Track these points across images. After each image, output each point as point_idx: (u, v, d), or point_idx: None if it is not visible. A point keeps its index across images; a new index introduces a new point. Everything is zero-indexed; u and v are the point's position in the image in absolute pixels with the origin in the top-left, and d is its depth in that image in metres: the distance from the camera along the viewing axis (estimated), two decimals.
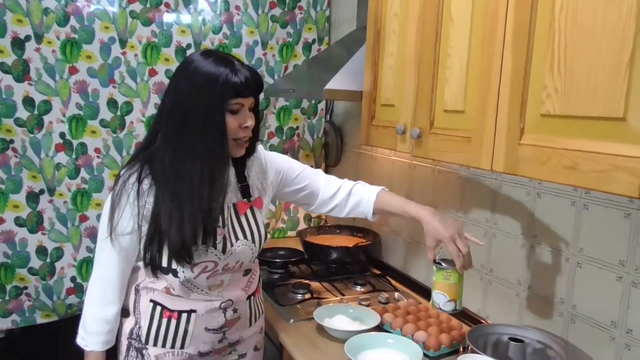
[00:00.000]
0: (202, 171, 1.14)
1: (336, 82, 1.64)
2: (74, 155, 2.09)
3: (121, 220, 1.20)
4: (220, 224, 1.24)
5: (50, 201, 2.08)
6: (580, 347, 1.30)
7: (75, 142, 2.08)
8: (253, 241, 1.31)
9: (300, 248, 2.19)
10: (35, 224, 2.06)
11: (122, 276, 1.27)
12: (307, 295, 1.82)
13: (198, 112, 1.13)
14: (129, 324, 1.31)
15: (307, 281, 1.94)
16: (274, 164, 1.43)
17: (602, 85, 0.83)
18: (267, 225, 2.51)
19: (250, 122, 1.19)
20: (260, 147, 1.40)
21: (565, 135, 0.91)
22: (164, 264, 1.21)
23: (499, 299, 1.56)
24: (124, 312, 1.32)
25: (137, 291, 1.31)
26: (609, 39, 0.81)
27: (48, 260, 2.09)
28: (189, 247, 1.17)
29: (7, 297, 2.06)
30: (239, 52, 2.31)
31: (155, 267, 1.22)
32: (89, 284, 1.30)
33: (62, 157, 2.07)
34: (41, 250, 2.08)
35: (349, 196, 1.47)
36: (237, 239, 1.27)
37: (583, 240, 1.29)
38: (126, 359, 1.32)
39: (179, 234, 1.15)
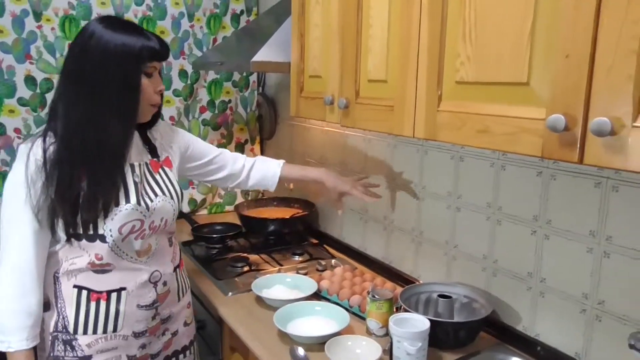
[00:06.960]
0: (117, 129, 1.18)
1: (264, 54, 1.63)
2: None
3: (36, 194, 1.14)
4: (139, 180, 1.26)
5: None
6: (501, 298, 1.40)
7: None
8: (171, 197, 1.34)
9: (238, 222, 2.19)
10: None
11: (39, 260, 1.18)
12: (246, 268, 1.83)
13: (115, 73, 1.16)
14: (50, 317, 1.23)
15: (245, 254, 1.95)
16: (181, 133, 1.50)
17: (508, 52, 0.88)
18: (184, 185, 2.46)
19: (163, 87, 1.28)
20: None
21: (477, 101, 0.95)
22: (90, 230, 1.17)
23: (429, 259, 1.64)
24: (45, 306, 1.22)
25: (56, 279, 1.22)
26: (513, 9, 0.86)
27: None
28: (109, 203, 1.18)
29: None
30: (165, 25, 2.24)
31: (81, 235, 1.18)
32: (0, 279, 1.17)
33: None
34: None
35: (250, 170, 1.62)
36: (155, 195, 1.29)
37: (502, 199, 1.37)
38: (51, 355, 1.22)
39: (100, 189, 1.17)
